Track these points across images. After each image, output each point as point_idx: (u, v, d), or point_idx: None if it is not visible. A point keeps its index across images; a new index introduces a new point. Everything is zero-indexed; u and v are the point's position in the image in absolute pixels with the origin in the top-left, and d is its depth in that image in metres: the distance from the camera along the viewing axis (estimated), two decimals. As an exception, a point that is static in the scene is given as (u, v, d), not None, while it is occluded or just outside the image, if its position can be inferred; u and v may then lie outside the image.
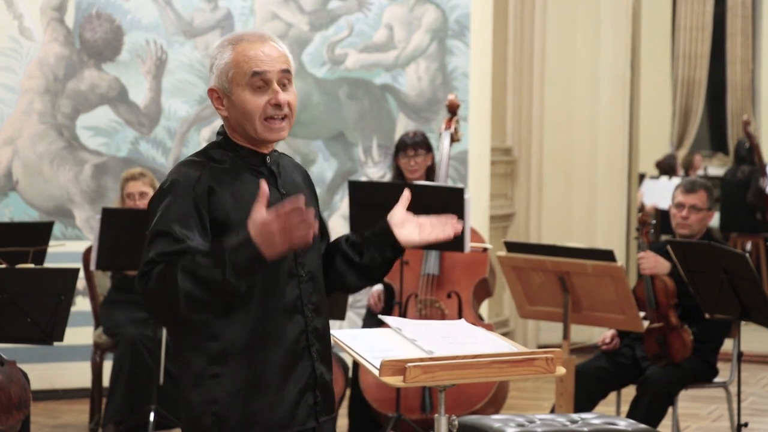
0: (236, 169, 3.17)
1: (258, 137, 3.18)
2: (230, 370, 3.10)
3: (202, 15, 8.39)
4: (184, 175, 3.12)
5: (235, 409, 3.10)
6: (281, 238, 2.96)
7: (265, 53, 3.16)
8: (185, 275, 2.96)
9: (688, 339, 6.16)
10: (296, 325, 3.15)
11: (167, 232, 3.06)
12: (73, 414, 7.64)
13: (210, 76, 3.22)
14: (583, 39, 10.25)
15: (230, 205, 3.12)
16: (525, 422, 5.05)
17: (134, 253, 6.38)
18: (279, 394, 3.13)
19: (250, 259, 2.97)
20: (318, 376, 3.19)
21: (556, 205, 10.20)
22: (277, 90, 3.15)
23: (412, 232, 3.30)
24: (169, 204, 3.09)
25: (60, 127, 8.07)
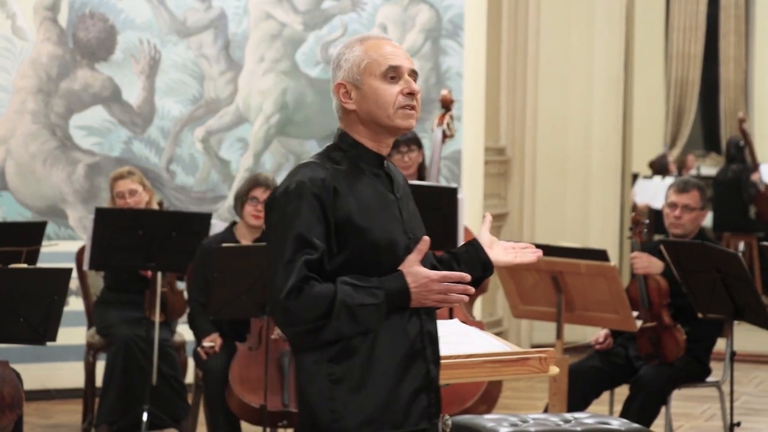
0: (355, 172, 3.21)
1: (390, 124, 3.21)
2: (349, 368, 3.14)
3: (196, 14, 8.39)
4: (310, 178, 3.14)
5: (352, 407, 3.14)
6: (436, 299, 3.15)
7: (396, 51, 3.24)
8: (343, 310, 3.07)
9: (681, 339, 6.16)
10: (414, 327, 3.20)
11: (305, 239, 3.10)
12: (65, 414, 7.63)
13: (335, 73, 3.25)
14: (577, 39, 10.26)
15: (353, 208, 3.15)
16: (518, 422, 5.06)
17: (127, 253, 6.42)
18: (395, 394, 3.16)
19: (399, 307, 3.15)
20: (432, 377, 3.23)
21: (550, 205, 10.20)
22: (409, 80, 3.22)
23: (501, 253, 3.39)
24: (299, 207, 3.12)
25: (53, 127, 8.06)
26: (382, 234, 3.16)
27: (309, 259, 3.08)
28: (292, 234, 3.10)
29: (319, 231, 3.10)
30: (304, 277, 3.06)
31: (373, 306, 3.09)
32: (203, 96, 8.41)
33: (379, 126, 3.22)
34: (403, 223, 3.23)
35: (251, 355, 6.15)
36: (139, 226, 6.41)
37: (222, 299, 5.89)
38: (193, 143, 8.38)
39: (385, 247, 3.16)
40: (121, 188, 6.86)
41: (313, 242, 3.09)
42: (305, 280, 3.07)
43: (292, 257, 3.08)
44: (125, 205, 6.81)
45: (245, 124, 8.52)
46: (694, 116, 16.08)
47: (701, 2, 15.76)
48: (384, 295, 3.10)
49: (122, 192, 6.85)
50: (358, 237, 3.13)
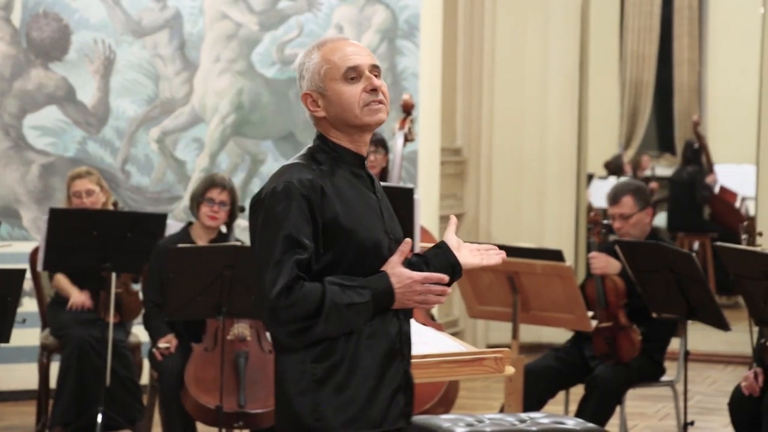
0: (338, 173, 3.23)
1: (359, 123, 3.23)
2: (332, 368, 3.16)
3: (151, 14, 8.35)
4: (298, 179, 3.16)
5: (335, 407, 3.15)
6: (417, 299, 3.19)
7: (354, 50, 3.26)
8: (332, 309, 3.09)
9: (637, 339, 6.19)
10: (394, 328, 3.22)
11: (295, 239, 3.12)
12: (19, 416, 7.58)
13: (300, 84, 3.29)
14: (532, 40, 10.30)
15: (340, 209, 3.17)
16: (474, 422, 5.06)
17: (82, 254, 6.38)
18: (376, 394, 3.18)
19: (384, 307, 3.18)
20: (409, 377, 3.26)
21: (506, 205, 10.23)
22: (370, 77, 3.24)
23: (468, 256, 3.37)
24: (288, 208, 3.13)
25: (6, 127, 8.00)
26: (367, 235, 3.19)
27: (299, 259, 3.10)
28: (281, 234, 3.11)
29: (308, 231, 3.13)
30: (295, 276, 3.09)
31: (362, 305, 3.13)
32: (158, 96, 8.38)
33: (351, 127, 3.25)
34: (384, 224, 3.27)
35: (207, 355, 6.13)
36: (94, 226, 6.37)
37: (177, 300, 5.87)
38: (148, 143, 8.34)
39: (371, 247, 3.19)
40: (78, 188, 6.82)
41: (303, 242, 3.11)
42: (296, 279, 3.09)
43: (281, 257, 3.10)
44: (81, 204, 6.76)
45: (201, 125, 8.49)
46: (649, 117, 16.16)
47: (655, 4, 15.85)
48: (370, 294, 3.14)
49: (79, 191, 6.80)
50: (344, 238, 3.16)
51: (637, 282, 5.94)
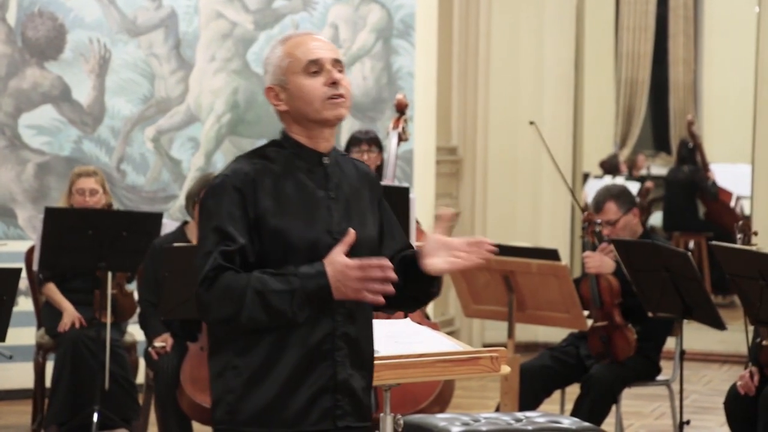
0: (288, 169, 3.23)
1: (319, 117, 3.23)
2: (250, 363, 3.16)
3: (146, 13, 8.35)
4: (234, 172, 3.19)
5: (248, 402, 3.16)
6: (355, 287, 3.08)
7: (317, 45, 3.26)
8: (255, 297, 3.07)
9: (632, 338, 6.20)
10: (321, 328, 3.17)
11: (223, 231, 3.13)
12: (15, 415, 7.57)
13: (265, 78, 3.30)
14: (528, 39, 10.30)
15: (270, 206, 3.17)
16: (470, 421, 5.07)
17: (77, 253, 6.37)
18: (292, 393, 3.16)
19: (319, 297, 3.10)
20: (341, 380, 3.19)
21: (501, 205, 10.24)
22: (331, 70, 3.24)
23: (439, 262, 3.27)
24: (221, 201, 3.16)
25: (2, 126, 7.99)
26: (298, 234, 3.16)
27: (225, 250, 3.11)
28: (211, 226, 3.15)
29: (240, 223, 3.13)
30: (218, 266, 3.09)
31: (287, 293, 3.08)
32: (154, 95, 8.37)
33: (311, 122, 3.25)
34: (331, 223, 3.22)
35: (203, 355, 6.12)
36: (90, 225, 6.36)
37: (173, 299, 5.87)
38: (143, 143, 8.34)
39: (303, 247, 3.16)
40: (83, 185, 6.80)
41: (231, 234, 3.12)
42: (220, 269, 3.09)
43: (211, 249, 3.12)
44: (84, 202, 6.75)
45: (196, 124, 8.48)
46: (644, 116, 16.17)
47: (651, 3, 15.85)
48: (299, 282, 3.09)
49: (83, 189, 6.79)
50: (270, 235, 3.15)
51: (632, 281, 5.94)
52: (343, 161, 3.35)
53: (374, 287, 3.09)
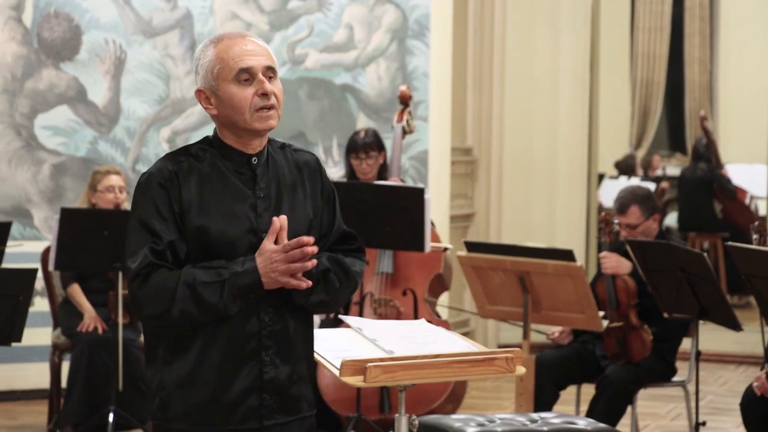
0: (214, 168, 3.23)
1: (248, 127, 3.21)
2: (180, 360, 3.17)
3: (161, 14, 8.36)
4: (159, 169, 3.20)
5: (178, 398, 3.18)
6: (281, 270, 3.10)
7: (249, 50, 3.21)
8: (185, 291, 3.08)
9: (648, 339, 6.18)
10: (249, 328, 3.19)
11: (149, 228, 3.13)
12: (31, 415, 7.59)
13: (196, 79, 3.27)
14: (543, 39, 10.29)
15: (193, 204, 3.17)
16: (485, 422, 5.06)
17: (93, 253, 6.39)
18: (219, 393, 3.17)
19: (249, 286, 3.11)
20: (267, 378, 3.20)
21: (516, 205, 10.23)
22: (262, 80, 3.21)
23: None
24: (145, 198, 3.16)
25: (18, 127, 8.02)
26: (218, 232, 3.16)
27: (153, 247, 3.12)
28: (138, 221, 3.16)
29: (167, 220, 3.14)
30: (149, 263, 3.10)
31: (216, 284, 3.09)
32: (169, 96, 8.38)
33: (240, 129, 3.23)
34: (258, 222, 3.21)
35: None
36: (105, 226, 6.38)
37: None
38: (159, 143, 8.35)
39: (223, 245, 3.17)
40: (112, 182, 6.84)
41: (157, 231, 3.13)
42: (152, 266, 3.11)
43: (137, 247, 3.13)
44: (114, 199, 6.80)
45: (211, 124, 8.46)
46: (660, 117, 16.14)
47: (666, 3, 15.83)
48: (229, 273, 3.10)
49: (113, 186, 6.83)
50: (193, 234, 3.16)
51: (648, 282, 5.93)
52: (280, 155, 3.32)
53: (296, 267, 3.11)
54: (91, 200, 6.86)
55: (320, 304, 3.29)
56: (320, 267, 3.25)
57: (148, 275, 3.10)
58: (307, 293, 3.23)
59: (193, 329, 3.15)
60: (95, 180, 6.89)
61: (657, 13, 15.83)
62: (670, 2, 15.84)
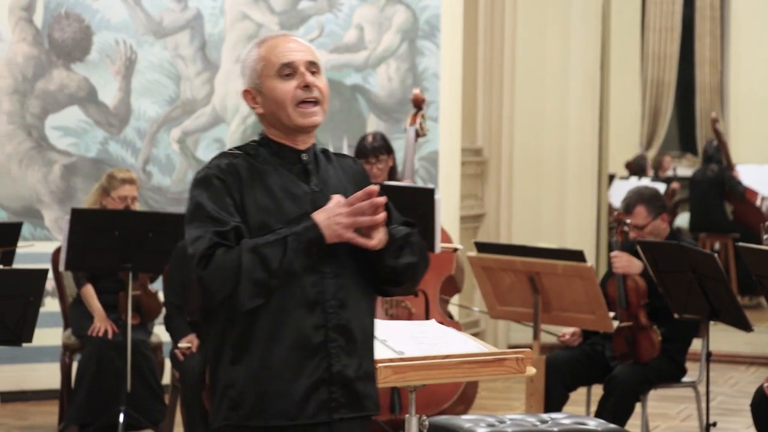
0: (268, 164, 3.24)
1: (292, 124, 3.24)
2: (247, 357, 3.16)
3: (172, 15, 8.37)
4: (216, 166, 3.23)
5: (249, 395, 3.16)
6: (346, 223, 3.11)
7: (290, 47, 3.26)
8: (249, 256, 3.07)
9: (657, 340, 6.18)
10: (313, 320, 3.17)
11: (211, 217, 3.15)
12: (41, 415, 7.61)
13: (242, 81, 3.30)
14: (553, 40, 10.28)
15: (250, 195, 3.19)
16: (495, 422, 5.06)
17: (103, 254, 6.39)
18: (289, 386, 3.16)
19: (311, 240, 3.11)
20: (335, 372, 3.18)
21: (527, 206, 10.22)
22: (304, 73, 3.24)
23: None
24: (204, 192, 3.19)
25: (29, 128, 8.03)
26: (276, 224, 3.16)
27: (218, 230, 3.12)
28: (199, 216, 3.17)
29: (227, 208, 3.15)
30: (212, 244, 3.10)
31: (278, 241, 3.09)
32: (180, 96, 8.39)
33: (285, 126, 3.25)
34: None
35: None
36: (115, 226, 6.38)
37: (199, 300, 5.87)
38: (169, 144, 8.36)
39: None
40: (127, 193, 6.82)
41: (220, 218, 3.14)
42: (214, 246, 3.10)
43: (199, 234, 3.13)
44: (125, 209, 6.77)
45: (222, 125, 8.50)
46: (670, 117, 16.13)
47: (677, 3, 15.81)
48: (289, 230, 3.11)
49: (126, 197, 6.81)
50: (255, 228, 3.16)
51: (658, 282, 5.93)
52: (326, 159, 3.34)
53: (364, 219, 3.11)
54: (101, 202, 6.85)
55: (409, 267, 3.27)
56: (401, 232, 3.26)
57: (211, 256, 3.09)
58: (397, 254, 3.22)
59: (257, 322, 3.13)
60: (110, 185, 6.86)
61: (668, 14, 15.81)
62: (681, 2, 15.82)
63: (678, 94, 16.07)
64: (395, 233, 3.23)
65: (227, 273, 3.08)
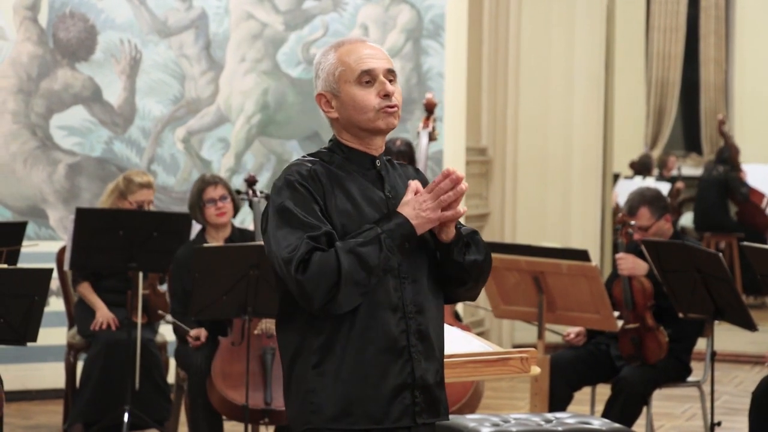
0: (343, 172, 3.25)
1: (371, 126, 3.24)
2: (330, 362, 3.16)
3: (177, 14, 8.37)
4: (296, 172, 3.21)
5: (332, 400, 3.16)
6: (433, 206, 3.15)
7: (369, 53, 3.26)
8: (348, 258, 3.09)
9: (664, 341, 6.17)
10: (398, 325, 3.19)
11: (299, 220, 3.14)
12: (46, 415, 7.61)
13: (315, 83, 3.29)
14: (558, 39, 10.28)
15: (332, 200, 3.19)
16: (500, 422, 5.06)
17: (108, 253, 6.39)
18: (375, 390, 3.17)
19: (403, 235, 3.14)
20: (417, 377, 3.20)
21: (531, 205, 10.22)
22: (384, 81, 3.23)
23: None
24: (289, 197, 3.17)
25: (33, 127, 8.03)
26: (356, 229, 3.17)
27: (312, 234, 3.12)
28: (289, 224, 3.14)
29: (314, 212, 3.15)
30: (310, 249, 3.10)
31: (374, 240, 3.12)
32: (184, 96, 8.40)
33: (362, 130, 3.25)
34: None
35: (234, 350, 6.14)
36: (120, 226, 6.38)
37: (203, 300, 5.88)
38: (174, 143, 8.37)
39: None
40: (144, 197, 6.80)
41: (308, 222, 3.13)
42: (310, 251, 3.10)
43: (291, 238, 3.12)
44: None
45: (226, 124, 8.50)
46: (675, 117, 16.12)
47: (682, 3, 15.80)
48: (381, 228, 3.13)
49: (143, 201, 6.80)
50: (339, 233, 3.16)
51: (663, 282, 5.92)
52: (391, 165, 3.36)
53: (448, 197, 3.14)
54: (118, 205, 6.82)
55: (475, 264, 3.30)
56: (468, 230, 3.30)
57: (309, 260, 3.09)
58: (464, 251, 3.26)
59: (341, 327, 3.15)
60: (128, 189, 6.82)
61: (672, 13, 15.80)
62: (686, 2, 15.82)
63: (683, 93, 16.06)
64: (463, 230, 3.28)
65: (328, 276, 3.08)
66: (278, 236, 3.15)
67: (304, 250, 3.10)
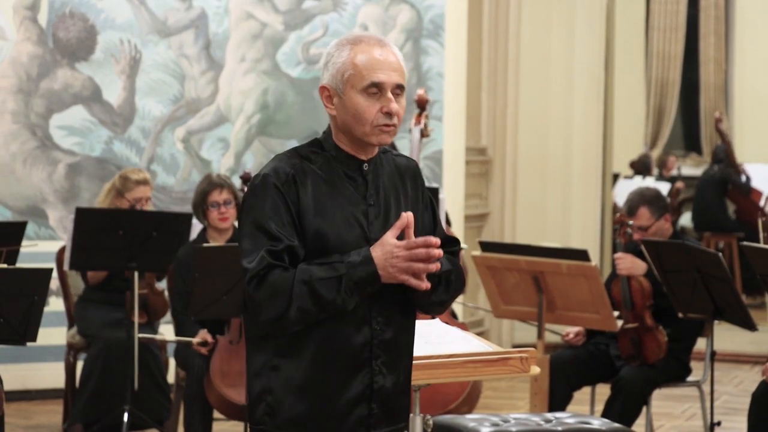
0: (327, 171, 3.19)
1: (365, 140, 3.18)
2: (290, 366, 3.13)
3: (177, 14, 8.37)
4: (274, 170, 3.15)
5: (287, 405, 3.14)
6: (402, 267, 3.06)
7: (383, 63, 3.16)
8: (302, 288, 3.04)
9: (663, 340, 6.17)
10: (361, 337, 3.15)
11: (266, 230, 3.10)
12: (46, 414, 7.61)
13: (323, 73, 3.21)
14: (558, 39, 10.28)
15: (310, 207, 3.14)
16: (500, 422, 5.06)
17: (108, 253, 6.39)
18: (330, 401, 3.14)
19: (365, 280, 3.06)
20: (376, 388, 3.17)
21: (531, 205, 10.22)
22: (390, 99, 3.16)
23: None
24: (262, 200, 3.12)
25: (33, 127, 8.03)
26: (337, 237, 3.13)
27: (271, 249, 3.07)
28: (254, 225, 3.11)
29: (285, 223, 3.10)
30: (266, 264, 3.06)
31: (333, 279, 3.05)
32: (184, 96, 8.40)
33: (355, 138, 3.20)
34: (369, 231, 3.17)
35: (232, 348, 6.14)
36: (120, 226, 6.38)
37: (203, 299, 5.88)
38: (173, 143, 8.37)
39: (340, 250, 3.11)
40: (141, 194, 6.79)
41: (275, 234, 3.08)
42: (268, 267, 3.06)
43: (253, 248, 3.09)
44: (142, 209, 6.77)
45: (226, 124, 8.50)
46: (675, 116, 16.12)
47: (681, 3, 15.80)
48: (345, 267, 3.06)
49: (140, 198, 6.80)
50: (312, 236, 3.12)
51: (662, 282, 5.92)
52: (385, 160, 3.29)
53: (418, 267, 3.06)
54: (115, 203, 6.82)
55: (439, 304, 3.26)
56: (443, 268, 3.20)
57: (265, 276, 3.06)
58: (429, 294, 3.18)
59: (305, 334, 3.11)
60: (125, 187, 6.82)
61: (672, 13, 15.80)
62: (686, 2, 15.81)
63: (682, 93, 16.06)
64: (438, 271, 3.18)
65: (278, 299, 3.05)
66: (244, 242, 3.13)
67: (261, 266, 3.06)
